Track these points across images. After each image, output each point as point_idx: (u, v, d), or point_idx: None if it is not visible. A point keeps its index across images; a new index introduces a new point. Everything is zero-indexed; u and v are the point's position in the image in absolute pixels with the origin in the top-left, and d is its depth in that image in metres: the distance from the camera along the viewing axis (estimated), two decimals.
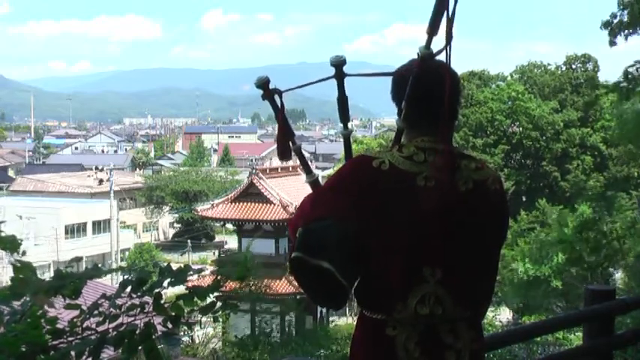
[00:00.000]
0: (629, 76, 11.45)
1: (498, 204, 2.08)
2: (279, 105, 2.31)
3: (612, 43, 12.10)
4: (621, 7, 11.70)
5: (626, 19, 11.69)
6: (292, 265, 1.95)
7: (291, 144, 2.34)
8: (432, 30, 2.04)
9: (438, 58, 2.06)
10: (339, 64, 2.26)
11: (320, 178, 2.31)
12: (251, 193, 28.56)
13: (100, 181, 50.73)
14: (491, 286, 2.11)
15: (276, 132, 2.38)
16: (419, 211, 1.93)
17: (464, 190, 1.98)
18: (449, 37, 2.01)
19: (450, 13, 1.99)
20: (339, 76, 2.27)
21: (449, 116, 2.02)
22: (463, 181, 1.99)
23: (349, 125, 2.39)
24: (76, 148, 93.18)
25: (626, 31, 11.74)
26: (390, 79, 2.16)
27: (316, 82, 2.37)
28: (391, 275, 1.93)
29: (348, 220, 1.94)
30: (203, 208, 29.89)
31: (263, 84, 2.30)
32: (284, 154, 2.35)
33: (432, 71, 2.03)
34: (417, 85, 2.04)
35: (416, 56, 2.08)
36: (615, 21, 11.83)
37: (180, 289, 2.07)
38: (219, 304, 2.08)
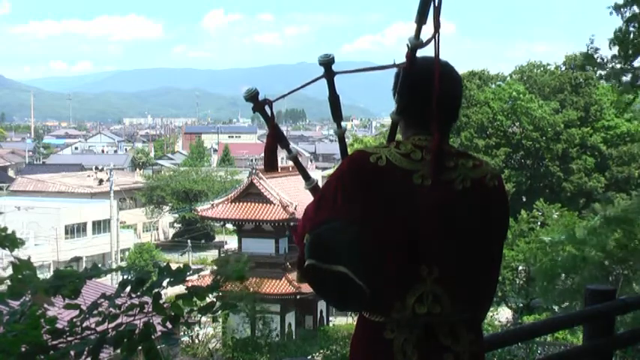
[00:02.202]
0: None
1: (497, 201, 2.05)
2: (270, 115, 2.30)
3: (632, 56, 11.90)
4: (626, 21, 11.53)
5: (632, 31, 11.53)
6: (306, 273, 1.92)
7: (286, 152, 2.32)
8: (420, 19, 2.03)
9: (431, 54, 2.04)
10: (327, 62, 2.24)
11: (320, 180, 2.30)
12: (251, 193, 28.58)
13: (100, 181, 50.72)
14: (492, 286, 2.09)
15: (265, 142, 2.34)
16: (415, 210, 1.92)
17: (461, 188, 1.97)
18: (437, 25, 1.99)
19: (437, 2, 1.98)
20: (329, 75, 2.25)
21: (443, 112, 1.99)
22: (460, 180, 1.97)
23: (346, 124, 2.37)
24: (76, 148, 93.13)
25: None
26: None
27: (307, 84, 2.34)
28: (389, 273, 1.92)
29: (350, 220, 1.92)
30: (203, 208, 29.89)
31: (252, 96, 2.28)
32: (271, 166, 2.32)
33: (425, 66, 2.01)
34: (408, 78, 2.03)
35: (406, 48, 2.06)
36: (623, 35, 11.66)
37: (179, 288, 2.07)
38: (218, 304, 2.07)
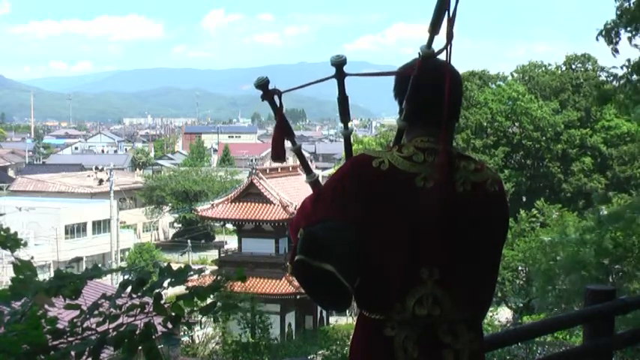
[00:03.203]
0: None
1: (497, 205, 2.07)
2: (279, 105, 2.30)
3: (615, 51, 11.85)
4: (619, 15, 11.44)
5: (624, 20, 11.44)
6: (295, 268, 1.94)
7: (291, 144, 2.33)
8: (434, 29, 2.03)
9: (439, 57, 2.05)
10: (339, 63, 2.24)
11: (320, 178, 2.29)
12: (251, 193, 28.59)
13: (100, 181, 50.73)
14: (491, 287, 2.11)
15: (273, 132, 2.35)
16: (417, 212, 1.93)
17: (461, 191, 1.98)
18: (449, 36, 1.99)
19: (451, 12, 1.98)
20: (340, 76, 2.27)
21: (449, 116, 2.01)
22: (461, 183, 1.98)
23: (349, 125, 2.37)
24: (76, 148, 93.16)
25: (629, 31, 11.45)
26: (391, 78, 2.16)
27: (316, 82, 2.33)
28: (389, 276, 1.93)
29: (348, 221, 1.94)
30: (203, 208, 29.90)
31: (263, 85, 2.29)
32: (278, 155, 2.33)
33: (433, 71, 2.02)
34: (417, 85, 2.03)
35: (417, 56, 2.06)
36: (615, 28, 11.57)
37: (180, 289, 2.07)
38: (219, 304, 2.07)
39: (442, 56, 2.04)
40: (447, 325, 1.95)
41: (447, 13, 1.98)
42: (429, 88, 2.02)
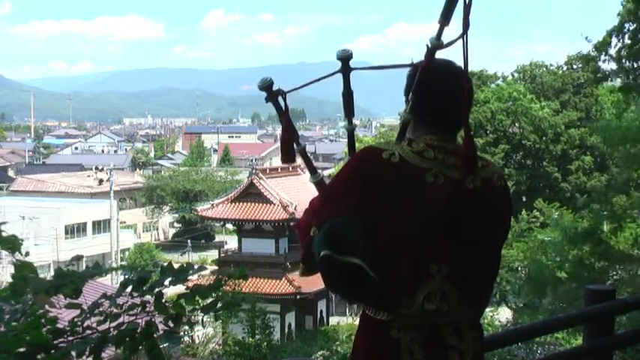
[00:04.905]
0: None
1: (504, 200, 2.08)
2: (284, 106, 2.29)
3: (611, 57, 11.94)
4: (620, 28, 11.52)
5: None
6: (321, 264, 1.91)
7: (295, 145, 2.33)
8: (445, 19, 1.98)
9: (452, 59, 2.04)
10: (345, 58, 2.24)
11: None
12: (251, 193, 28.58)
13: (100, 181, 50.70)
14: (492, 284, 2.12)
15: (280, 133, 2.35)
16: (427, 208, 1.93)
17: (472, 187, 1.98)
18: (466, 24, 1.94)
19: (467, 0, 1.92)
20: (346, 70, 2.25)
21: (457, 114, 2.01)
22: (470, 179, 1.98)
23: (355, 122, 2.37)
24: (76, 148, 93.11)
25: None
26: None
27: (322, 78, 2.32)
28: (399, 270, 1.92)
29: (361, 215, 1.92)
30: (203, 208, 29.90)
31: (267, 86, 2.27)
32: (288, 157, 2.32)
33: (447, 75, 2.02)
34: (425, 77, 2.03)
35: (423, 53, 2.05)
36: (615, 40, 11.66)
37: (180, 288, 2.07)
38: (220, 303, 2.07)
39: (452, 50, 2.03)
40: (453, 327, 1.95)
41: (463, 0, 1.93)
42: (439, 82, 2.01)
